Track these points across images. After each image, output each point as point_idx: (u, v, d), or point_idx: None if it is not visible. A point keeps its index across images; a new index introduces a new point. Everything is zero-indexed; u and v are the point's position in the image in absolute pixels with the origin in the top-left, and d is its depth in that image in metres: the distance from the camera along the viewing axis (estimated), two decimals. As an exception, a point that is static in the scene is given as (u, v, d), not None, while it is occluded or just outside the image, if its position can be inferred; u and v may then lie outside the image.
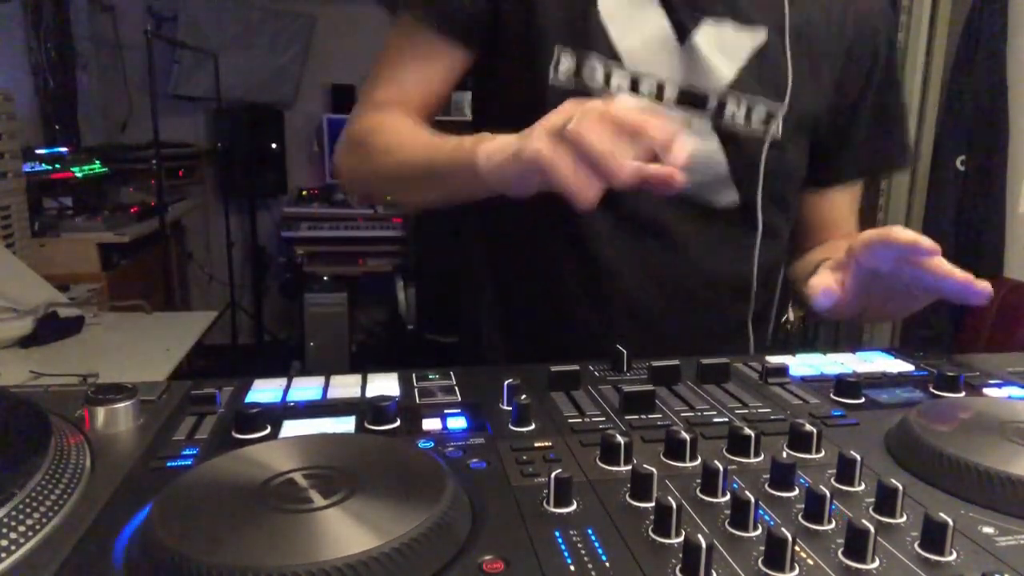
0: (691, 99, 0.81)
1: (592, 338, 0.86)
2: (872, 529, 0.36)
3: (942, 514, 0.37)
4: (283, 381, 0.62)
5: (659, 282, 0.85)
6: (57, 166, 2.86)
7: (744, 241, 0.86)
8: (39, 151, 2.89)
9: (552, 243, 0.86)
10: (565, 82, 0.80)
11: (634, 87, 0.80)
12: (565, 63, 0.80)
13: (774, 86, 0.82)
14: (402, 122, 0.82)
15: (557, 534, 0.39)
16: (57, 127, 3.37)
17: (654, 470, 0.43)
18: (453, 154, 0.70)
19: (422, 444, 0.50)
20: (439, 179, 0.74)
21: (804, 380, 0.65)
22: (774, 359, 0.69)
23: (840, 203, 0.95)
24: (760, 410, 0.57)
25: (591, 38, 0.80)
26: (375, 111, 0.84)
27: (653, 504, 0.41)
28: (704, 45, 0.80)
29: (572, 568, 0.36)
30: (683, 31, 0.80)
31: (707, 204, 0.84)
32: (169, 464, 0.47)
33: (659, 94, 0.81)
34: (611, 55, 0.80)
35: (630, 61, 0.80)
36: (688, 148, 0.58)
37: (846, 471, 0.45)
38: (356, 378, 0.63)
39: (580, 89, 0.80)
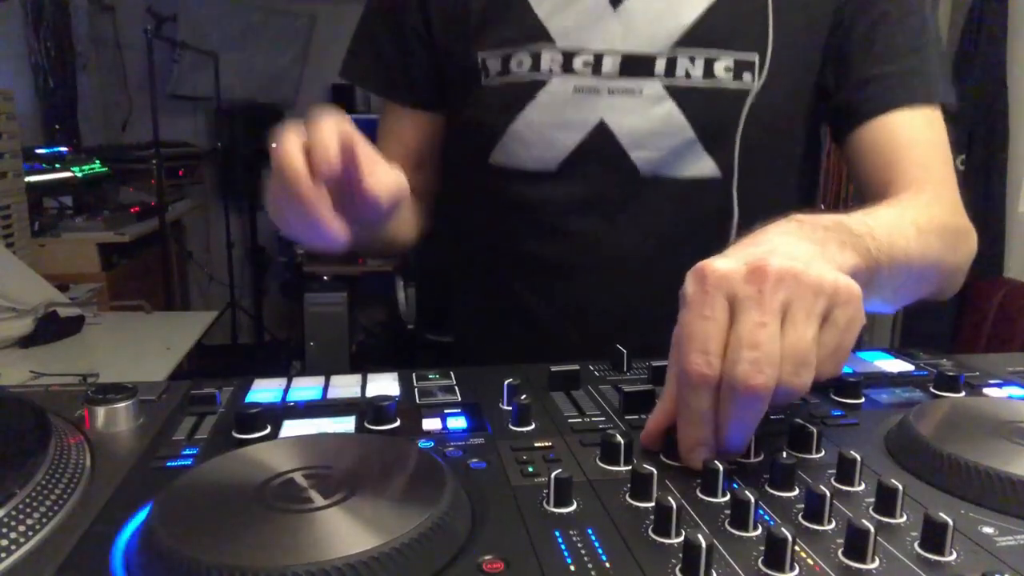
0: (635, 65, 0.77)
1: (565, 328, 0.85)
2: (872, 529, 0.36)
3: (942, 514, 0.37)
4: (283, 381, 0.62)
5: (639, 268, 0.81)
6: (57, 166, 2.86)
7: (724, 224, 0.79)
8: (39, 151, 2.88)
9: (522, 237, 0.84)
10: (494, 81, 0.80)
11: (568, 65, 0.77)
12: (492, 64, 0.80)
13: (745, 33, 0.76)
14: None
15: (557, 534, 0.39)
16: (57, 127, 3.37)
17: (654, 470, 0.43)
18: None
19: (422, 444, 0.50)
20: None
21: (804, 380, 0.65)
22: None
23: (893, 131, 0.81)
24: (760, 410, 0.57)
25: (519, 26, 0.78)
26: None
27: (653, 504, 0.41)
28: (641, 5, 0.76)
29: (572, 568, 0.36)
30: None
31: (678, 177, 0.78)
32: (169, 464, 0.47)
33: (597, 67, 0.77)
34: (542, 36, 0.77)
35: (562, 39, 0.77)
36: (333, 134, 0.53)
37: (846, 471, 0.45)
38: (356, 378, 0.63)
39: (508, 84, 0.79)
